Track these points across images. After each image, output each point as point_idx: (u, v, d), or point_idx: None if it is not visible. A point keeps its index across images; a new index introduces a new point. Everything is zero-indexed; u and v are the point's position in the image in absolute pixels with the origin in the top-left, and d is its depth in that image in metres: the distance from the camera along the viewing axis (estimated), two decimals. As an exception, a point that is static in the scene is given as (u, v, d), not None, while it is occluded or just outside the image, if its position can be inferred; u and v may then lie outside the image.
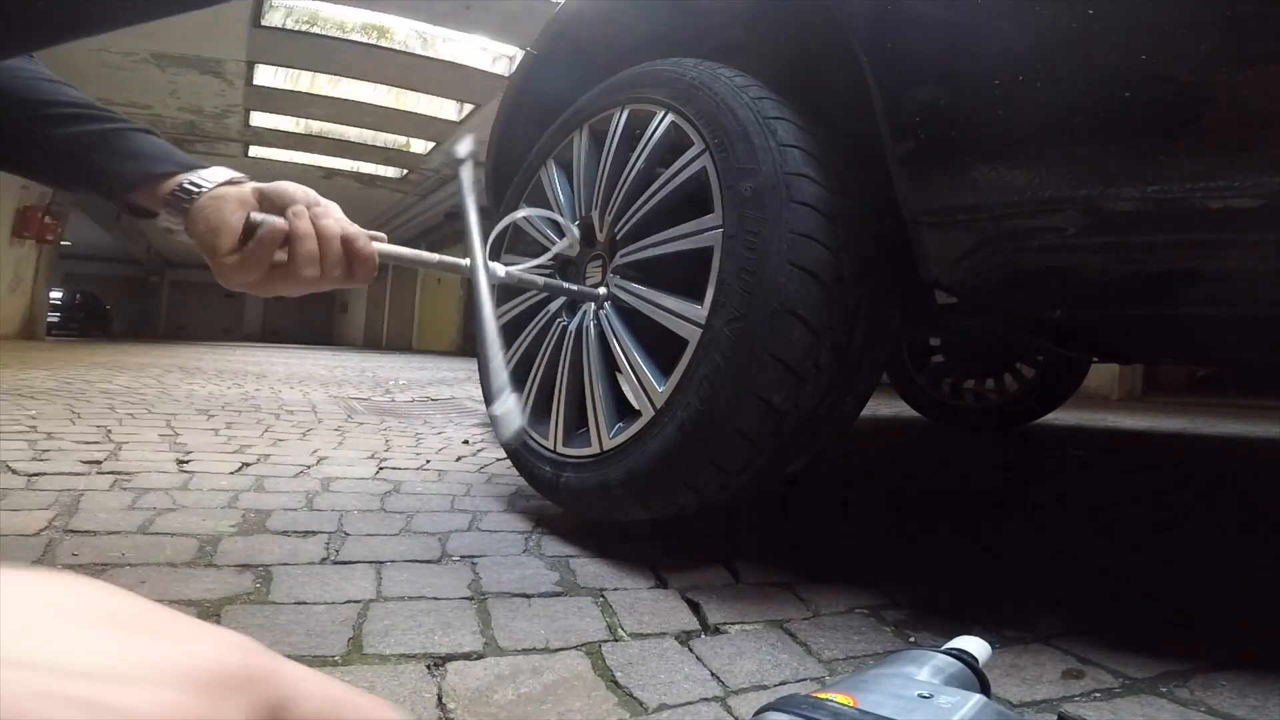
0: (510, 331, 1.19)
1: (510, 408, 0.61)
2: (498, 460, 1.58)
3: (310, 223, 0.64)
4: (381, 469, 1.42)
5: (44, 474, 1.17)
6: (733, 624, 0.72)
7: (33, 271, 8.98)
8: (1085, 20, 0.60)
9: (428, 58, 6.59)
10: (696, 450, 0.81)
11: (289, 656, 0.60)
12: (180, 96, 7.82)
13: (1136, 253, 0.72)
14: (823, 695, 0.39)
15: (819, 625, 0.73)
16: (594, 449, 0.93)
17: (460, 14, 5.88)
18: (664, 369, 0.87)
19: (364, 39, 6.40)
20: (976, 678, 0.45)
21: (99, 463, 1.29)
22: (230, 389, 3.18)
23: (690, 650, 0.65)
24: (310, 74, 7.23)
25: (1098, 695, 0.59)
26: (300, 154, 9.75)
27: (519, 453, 1.10)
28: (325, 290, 0.69)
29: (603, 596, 0.77)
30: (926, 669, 0.43)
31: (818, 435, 0.86)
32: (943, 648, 0.47)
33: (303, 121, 8.67)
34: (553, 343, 1.05)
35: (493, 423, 0.65)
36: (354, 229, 0.67)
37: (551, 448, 1.01)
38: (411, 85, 7.36)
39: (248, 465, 1.37)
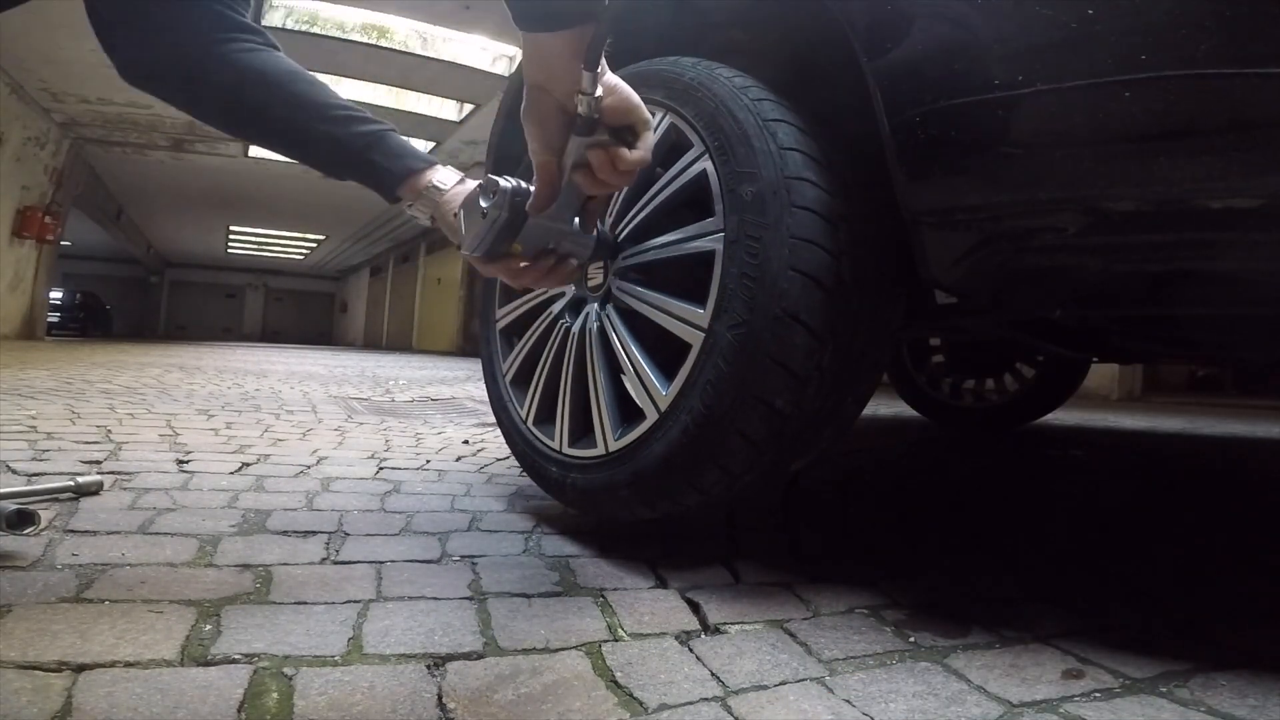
0: (513, 332, 1.19)
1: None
2: (498, 460, 1.58)
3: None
4: (381, 469, 1.42)
5: (44, 474, 1.17)
6: (733, 624, 0.72)
7: (33, 271, 8.99)
8: (1085, 20, 0.60)
9: (428, 58, 6.59)
10: (701, 453, 0.81)
11: (289, 657, 0.60)
12: (180, 96, 7.81)
13: (1136, 253, 0.72)
14: None
15: (819, 625, 0.73)
16: (600, 450, 0.93)
17: (460, 14, 5.89)
18: (666, 369, 0.87)
19: (364, 39, 6.40)
20: None
21: (99, 463, 1.29)
22: (230, 388, 3.18)
23: (690, 650, 0.65)
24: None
25: (1098, 695, 0.59)
26: (300, 154, 9.74)
27: (525, 453, 1.10)
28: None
29: (603, 596, 0.77)
30: None
31: (819, 435, 0.86)
32: None
33: (303, 121, 8.66)
34: (556, 344, 1.05)
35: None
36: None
37: (557, 448, 1.01)
38: (411, 85, 7.36)
39: (248, 465, 1.37)
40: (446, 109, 7.98)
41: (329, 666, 0.58)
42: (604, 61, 0.62)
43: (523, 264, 0.72)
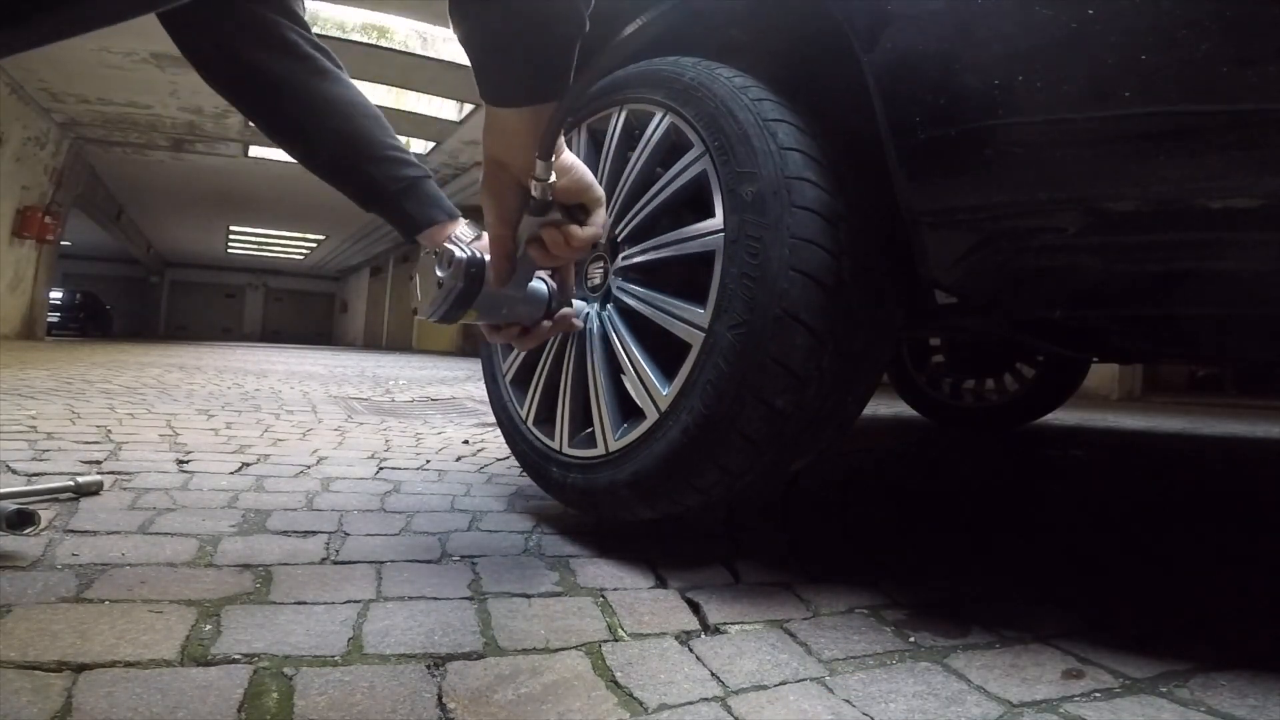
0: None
1: None
2: (498, 460, 1.58)
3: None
4: (381, 469, 1.42)
5: (44, 474, 1.17)
6: (733, 624, 0.72)
7: (33, 271, 8.99)
8: (1085, 20, 0.60)
9: (428, 58, 6.58)
10: (701, 453, 0.81)
11: (289, 657, 0.60)
12: (180, 96, 7.81)
13: (1136, 253, 0.72)
14: None
15: (819, 625, 0.73)
16: (600, 450, 0.93)
17: (460, 14, 5.87)
18: (666, 369, 0.87)
19: (364, 39, 6.39)
20: None
21: (99, 463, 1.29)
22: (230, 388, 3.18)
23: (690, 650, 0.65)
24: (310, 74, 7.22)
25: (1098, 695, 0.59)
26: (300, 154, 9.74)
27: (525, 453, 1.10)
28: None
29: (603, 596, 0.77)
30: None
31: (820, 435, 0.86)
32: None
33: (303, 121, 8.66)
34: (556, 344, 1.05)
35: None
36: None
37: (558, 448, 1.01)
38: (411, 85, 7.35)
39: (248, 465, 1.37)
40: (446, 109, 7.98)
41: (329, 666, 0.58)
42: (561, 140, 0.64)
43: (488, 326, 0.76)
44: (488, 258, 0.70)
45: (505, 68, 0.60)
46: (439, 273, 0.72)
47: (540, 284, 0.77)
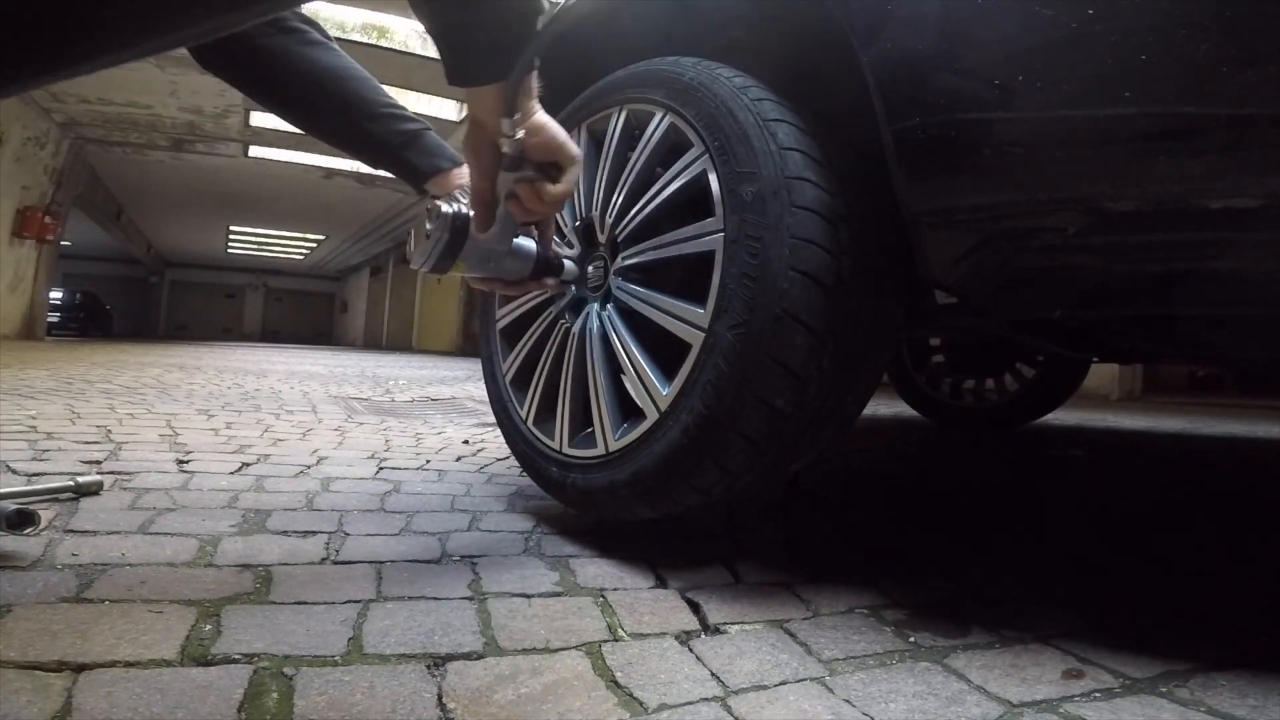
0: (513, 333, 1.19)
1: None
2: (498, 460, 1.58)
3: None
4: (381, 469, 1.42)
5: (44, 474, 1.17)
6: (733, 624, 0.72)
7: (33, 271, 8.99)
8: (1085, 19, 0.60)
9: (428, 58, 6.58)
10: (701, 453, 0.81)
11: (289, 657, 0.60)
12: (180, 96, 7.82)
13: (1136, 253, 0.72)
14: None
15: (819, 625, 0.73)
16: (600, 450, 0.93)
17: (460, 14, 5.87)
18: (666, 369, 0.87)
19: (364, 39, 6.40)
20: None
21: (99, 463, 1.29)
22: (230, 388, 3.18)
23: (690, 650, 0.65)
24: (310, 74, 7.23)
25: (1098, 695, 0.59)
26: (301, 154, 9.76)
27: (525, 453, 1.10)
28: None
29: (603, 596, 0.77)
30: None
31: (820, 435, 0.86)
32: None
33: (303, 121, 8.67)
34: (556, 344, 1.05)
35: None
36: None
37: (557, 449, 1.01)
38: (411, 85, 7.35)
39: (248, 465, 1.37)
40: (446, 109, 7.98)
41: (329, 666, 0.58)
42: (535, 102, 0.69)
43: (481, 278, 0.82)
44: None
45: (466, 56, 0.65)
46: (428, 225, 0.76)
47: (530, 242, 0.82)
